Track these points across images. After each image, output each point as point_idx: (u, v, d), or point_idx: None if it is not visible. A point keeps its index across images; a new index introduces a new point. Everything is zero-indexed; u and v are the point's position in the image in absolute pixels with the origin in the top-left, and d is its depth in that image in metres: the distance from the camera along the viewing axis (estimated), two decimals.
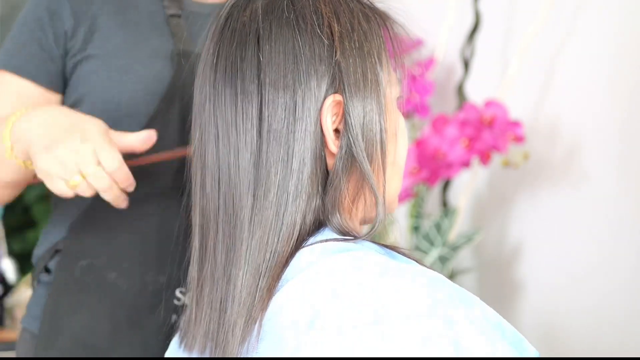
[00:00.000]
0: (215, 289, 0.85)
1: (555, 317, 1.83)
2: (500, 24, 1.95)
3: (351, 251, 0.82)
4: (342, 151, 0.84)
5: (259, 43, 0.85)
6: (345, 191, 0.85)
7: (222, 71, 0.86)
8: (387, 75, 0.88)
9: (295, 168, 0.83)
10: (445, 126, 1.78)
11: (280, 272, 0.82)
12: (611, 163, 1.73)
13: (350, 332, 0.76)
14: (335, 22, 0.86)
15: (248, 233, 0.83)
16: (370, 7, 0.90)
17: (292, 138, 0.83)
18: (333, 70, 0.84)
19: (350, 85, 0.85)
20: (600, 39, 1.76)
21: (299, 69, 0.84)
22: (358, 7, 0.88)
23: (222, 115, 0.86)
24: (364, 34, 0.87)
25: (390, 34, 0.90)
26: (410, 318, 0.76)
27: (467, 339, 0.75)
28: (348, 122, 0.84)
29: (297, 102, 0.84)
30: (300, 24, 0.85)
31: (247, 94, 0.84)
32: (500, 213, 1.95)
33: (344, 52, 0.85)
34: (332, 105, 0.84)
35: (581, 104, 1.79)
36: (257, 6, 0.87)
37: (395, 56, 0.90)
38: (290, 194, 0.83)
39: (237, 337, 0.82)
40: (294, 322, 0.79)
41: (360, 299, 0.77)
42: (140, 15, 1.18)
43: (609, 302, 1.73)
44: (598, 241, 1.76)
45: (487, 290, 1.97)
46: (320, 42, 0.85)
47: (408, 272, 0.79)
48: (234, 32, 0.87)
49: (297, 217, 0.83)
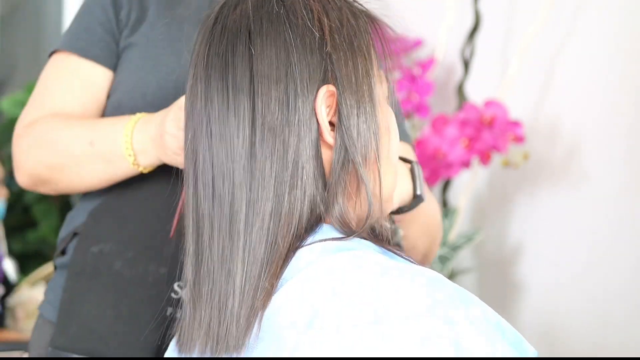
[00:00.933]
0: (214, 285, 0.85)
1: (555, 317, 1.83)
2: (500, 24, 1.95)
3: (351, 250, 0.82)
4: (338, 143, 0.84)
5: (250, 37, 0.86)
6: (347, 184, 0.85)
7: (213, 67, 0.87)
8: (376, 71, 0.88)
9: (290, 159, 0.83)
10: (445, 126, 1.78)
11: (280, 268, 0.82)
12: (611, 163, 1.73)
13: (349, 332, 0.76)
14: (325, 17, 0.86)
15: (245, 226, 0.83)
16: (357, 7, 0.90)
17: (287, 130, 0.83)
18: (325, 62, 0.85)
19: (342, 77, 0.85)
20: (600, 39, 1.76)
21: (291, 62, 0.84)
22: (345, 5, 0.89)
23: (214, 111, 0.86)
24: (353, 30, 0.87)
25: (379, 33, 0.90)
26: (409, 318, 0.76)
27: (467, 339, 0.75)
28: (342, 113, 0.85)
29: (290, 94, 0.84)
30: (291, 18, 0.86)
31: (239, 88, 0.85)
32: (500, 213, 1.95)
33: (335, 45, 0.85)
34: (326, 95, 0.85)
35: (581, 104, 1.79)
36: (247, 5, 0.88)
37: (384, 55, 0.90)
38: (287, 185, 0.83)
39: (242, 329, 0.82)
40: (293, 322, 0.79)
41: (360, 299, 0.77)
42: (189, 10, 1.19)
43: (609, 301, 1.73)
44: (598, 241, 1.76)
45: (487, 290, 1.98)
46: (311, 34, 0.85)
47: (408, 271, 0.80)
48: (224, 28, 0.87)
49: (295, 209, 0.83)
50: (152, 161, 1.11)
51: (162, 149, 1.07)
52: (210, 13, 0.91)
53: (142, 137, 1.10)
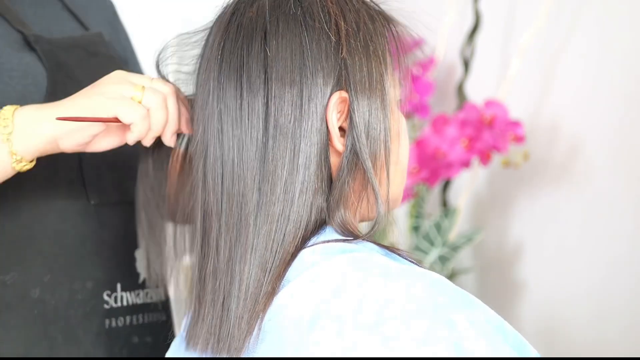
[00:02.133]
0: (219, 284, 0.85)
1: (555, 317, 1.83)
2: (500, 24, 1.95)
3: (353, 252, 0.82)
4: (348, 149, 0.84)
5: (266, 38, 0.85)
6: (350, 189, 0.85)
7: (227, 65, 0.86)
8: (390, 76, 0.88)
9: (301, 164, 0.83)
10: (445, 126, 1.78)
11: (283, 270, 0.82)
12: (611, 163, 1.73)
13: (351, 334, 0.76)
14: (342, 20, 0.86)
15: (254, 228, 0.83)
16: (374, 9, 0.90)
17: (299, 134, 0.83)
18: (339, 67, 0.85)
19: (355, 82, 0.85)
20: (600, 39, 1.76)
21: (306, 65, 0.84)
22: (363, 8, 0.89)
23: (226, 109, 0.86)
24: (369, 34, 0.87)
25: (394, 36, 0.90)
26: (411, 320, 0.76)
27: (469, 341, 0.75)
28: (353, 119, 0.85)
29: (304, 98, 0.84)
30: (308, 21, 0.86)
31: (253, 89, 0.84)
32: (500, 213, 1.95)
33: (350, 50, 0.85)
34: (337, 102, 0.84)
35: (581, 104, 1.79)
36: (264, 2, 0.87)
37: (398, 58, 0.90)
38: (297, 189, 0.83)
39: (244, 332, 0.82)
40: (295, 323, 0.79)
41: (362, 300, 0.77)
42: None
43: (609, 301, 1.73)
44: (598, 241, 1.76)
45: (487, 290, 1.97)
46: (327, 39, 0.85)
47: (410, 274, 0.80)
48: (239, 26, 0.87)
49: (303, 213, 0.83)
50: (38, 144, 0.93)
51: (84, 97, 0.92)
52: (228, 7, 0.90)
53: (28, 111, 0.93)
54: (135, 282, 1.12)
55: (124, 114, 0.92)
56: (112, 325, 1.07)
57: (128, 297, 1.10)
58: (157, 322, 1.14)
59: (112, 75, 0.96)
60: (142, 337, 1.12)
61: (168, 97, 0.95)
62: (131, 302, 1.11)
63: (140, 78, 0.95)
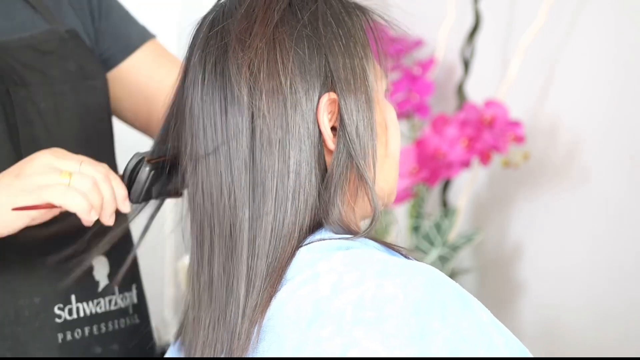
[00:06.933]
0: (215, 295, 0.85)
1: (556, 317, 1.83)
2: (500, 24, 1.95)
3: (351, 249, 0.82)
4: (340, 148, 0.84)
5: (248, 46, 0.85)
6: (346, 187, 0.85)
7: (210, 78, 0.85)
8: (373, 68, 0.88)
9: (292, 170, 0.83)
10: (445, 126, 1.78)
11: (281, 273, 0.82)
12: (612, 163, 1.73)
13: (350, 331, 0.76)
14: (320, 21, 0.86)
15: (248, 238, 0.83)
16: (349, 2, 0.90)
17: (287, 140, 0.83)
18: (325, 69, 0.85)
19: (341, 82, 0.85)
20: (600, 39, 1.76)
21: (290, 70, 0.84)
22: (337, 3, 0.88)
23: (210, 122, 0.85)
24: (348, 29, 0.87)
25: (372, 27, 0.90)
26: (410, 317, 0.76)
27: (467, 338, 0.75)
28: (344, 118, 0.85)
29: (290, 105, 0.83)
30: (286, 26, 0.85)
31: (237, 101, 0.84)
32: (500, 213, 1.95)
33: (332, 49, 0.85)
34: (327, 103, 0.84)
35: (581, 104, 1.79)
36: (240, 11, 0.87)
37: (378, 49, 0.90)
38: (288, 196, 0.83)
39: (242, 341, 0.82)
40: (294, 321, 0.79)
41: (361, 297, 0.77)
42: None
43: (610, 301, 1.73)
44: (598, 241, 1.76)
45: (487, 290, 1.97)
46: (308, 42, 0.85)
47: (408, 270, 0.79)
48: (218, 34, 0.87)
49: (297, 218, 0.83)
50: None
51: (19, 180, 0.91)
52: (207, 16, 0.90)
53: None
54: (94, 291, 1.08)
55: (57, 201, 0.90)
56: (68, 339, 1.04)
57: (85, 308, 1.07)
58: (126, 327, 1.11)
59: (35, 163, 0.92)
60: (107, 345, 1.08)
61: (99, 181, 0.92)
62: (90, 312, 1.07)
63: (69, 162, 0.92)
